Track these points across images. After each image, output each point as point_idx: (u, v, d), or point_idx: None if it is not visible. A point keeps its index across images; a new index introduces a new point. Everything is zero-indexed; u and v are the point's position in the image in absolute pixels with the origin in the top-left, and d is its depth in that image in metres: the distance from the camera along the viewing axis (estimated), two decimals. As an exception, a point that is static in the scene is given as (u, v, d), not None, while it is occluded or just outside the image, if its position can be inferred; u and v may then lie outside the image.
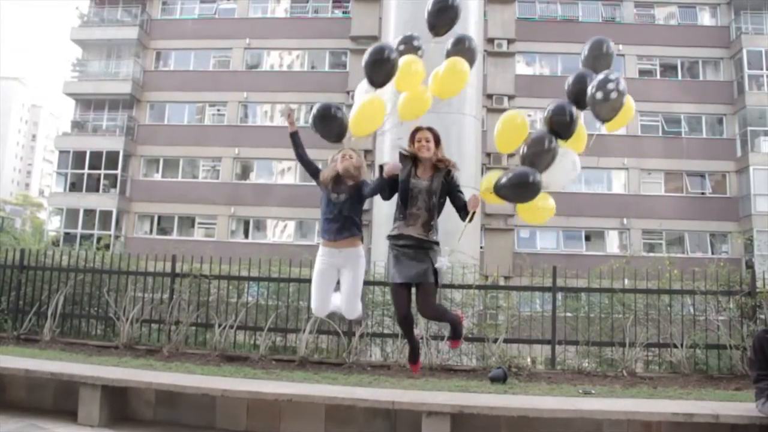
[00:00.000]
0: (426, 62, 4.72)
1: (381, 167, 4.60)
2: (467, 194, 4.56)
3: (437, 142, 4.65)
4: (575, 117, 4.53)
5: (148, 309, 8.51)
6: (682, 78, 28.28)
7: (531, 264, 8.54)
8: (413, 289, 4.64)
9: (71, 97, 31.18)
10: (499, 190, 4.30)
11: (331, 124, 4.67)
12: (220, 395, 5.64)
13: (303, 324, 7.79)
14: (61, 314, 8.68)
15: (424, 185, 4.58)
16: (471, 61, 4.80)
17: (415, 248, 4.53)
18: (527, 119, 4.76)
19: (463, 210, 4.55)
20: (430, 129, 4.62)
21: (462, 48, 4.79)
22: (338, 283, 4.88)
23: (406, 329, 4.89)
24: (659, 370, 7.68)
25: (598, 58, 4.65)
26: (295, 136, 4.84)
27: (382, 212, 13.95)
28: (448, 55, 4.78)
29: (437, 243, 4.59)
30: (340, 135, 4.73)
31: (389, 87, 4.69)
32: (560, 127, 4.53)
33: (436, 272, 4.52)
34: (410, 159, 4.62)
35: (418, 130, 4.61)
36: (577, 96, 4.50)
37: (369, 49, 4.58)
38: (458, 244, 4.81)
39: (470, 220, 4.48)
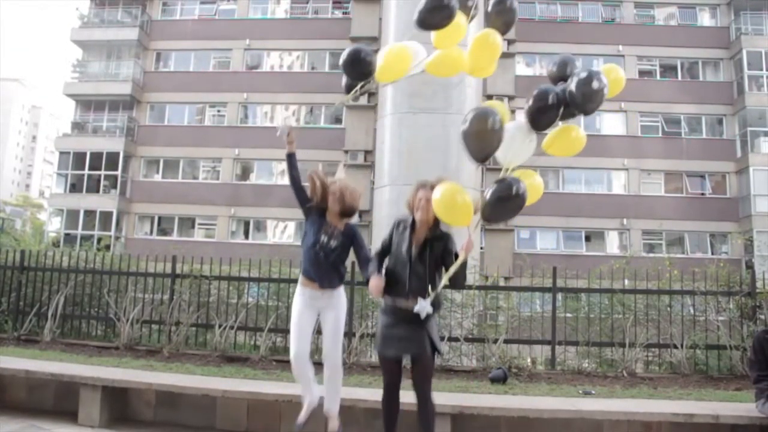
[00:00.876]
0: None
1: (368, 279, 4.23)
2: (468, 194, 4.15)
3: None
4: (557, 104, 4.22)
5: (149, 310, 8.51)
6: (682, 78, 28.29)
7: (531, 264, 8.55)
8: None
9: (71, 98, 31.19)
10: (486, 213, 3.91)
11: (359, 66, 4.43)
12: (220, 396, 5.65)
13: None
14: (62, 315, 8.68)
15: (417, 254, 4.16)
16: (510, 23, 4.71)
17: (408, 321, 4.07)
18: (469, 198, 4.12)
19: (452, 263, 4.06)
20: (432, 187, 4.15)
21: (503, 8, 4.61)
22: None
23: (387, 413, 4.31)
24: (659, 370, 7.68)
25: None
26: (292, 158, 4.60)
27: (383, 212, 13.96)
28: (489, 17, 4.56)
29: (437, 308, 4.19)
30: (366, 75, 4.48)
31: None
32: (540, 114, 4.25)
33: (433, 344, 4.09)
34: (406, 226, 4.22)
35: (421, 186, 4.21)
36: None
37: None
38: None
39: (459, 267, 4.01)
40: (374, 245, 12.33)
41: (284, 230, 28.37)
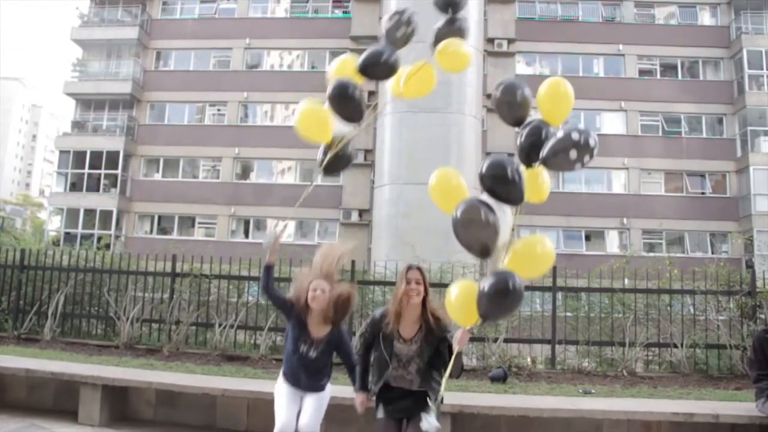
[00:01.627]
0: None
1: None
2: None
3: (425, 282, 3.83)
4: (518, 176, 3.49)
5: (149, 309, 8.52)
6: (682, 78, 28.27)
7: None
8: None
9: (71, 97, 31.17)
10: (481, 312, 3.38)
11: (347, 104, 4.12)
12: (220, 395, 5.65)
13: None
14: (62, 314, 8.69)
15: (412, 351, 3.78)
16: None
17: (407, 396, 3.79)
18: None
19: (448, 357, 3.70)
20: (420, 269, 3.84)
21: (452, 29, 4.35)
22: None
23: None
24: (659, 369, 7.69)
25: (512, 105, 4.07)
26: (271, 270, 4.28)
27: (382, 212, 13.96)
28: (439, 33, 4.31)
29: (436, 387, 3.76)
30: (352, 118, 4.18)
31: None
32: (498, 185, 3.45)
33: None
34: (389, 319, 3.81)
35: (409, 268, 3.85)
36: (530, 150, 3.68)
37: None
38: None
39: (456, 371, 3.67)
40: (374, 245, 12.29)
41: (284, 229, 28.35)
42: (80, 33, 31.23)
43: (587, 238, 26.79)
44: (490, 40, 26.53)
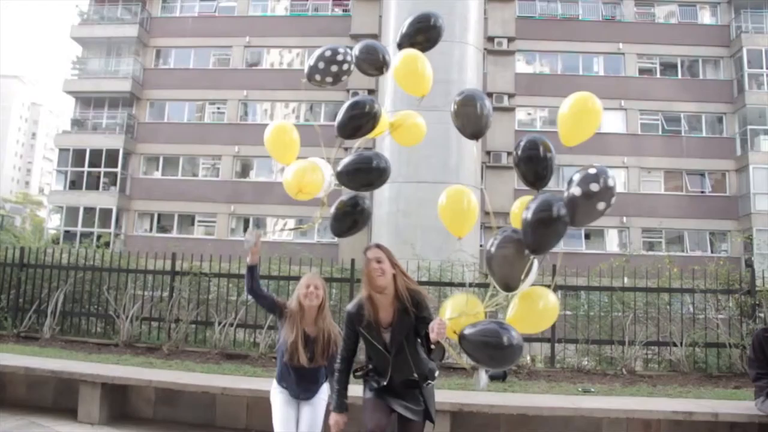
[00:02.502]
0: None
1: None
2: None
3: (391, 261, 3.51)
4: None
5: (148, 307, 8.52)
6: (682, 77, 28.26)
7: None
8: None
9: (71, 95, 31.15)
10: (462, 342, 3.18)
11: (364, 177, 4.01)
12: (219, 393, 5.65)
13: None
14: (61, 312, 8.69)
15: (390, 339, 3.48)
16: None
17: (399, 389, 3.52)
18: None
19: (425, 345, 3.41)
20: (379, 246, 3.54)
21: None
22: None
23: None
24: (659, 368, 7.69)
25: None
26: (254, 270, 4.11)
27: (382, 210, 13.96)
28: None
29: (431, 376, 3.58)
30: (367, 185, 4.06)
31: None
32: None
33: (428, 413, 3.50)
34: (363, 313, 3.50)
35: (367, 248, 3.55)
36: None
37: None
38: (460, 243, 3.64)
39: (437, 357, 3.39)
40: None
41: (284, 228, 28.37)
42: (80, 31, 31.19)
43: (587, 236, 26.80)
44: (490, 39, 26.52)
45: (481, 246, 20.71)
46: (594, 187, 2.98)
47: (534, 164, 3.24)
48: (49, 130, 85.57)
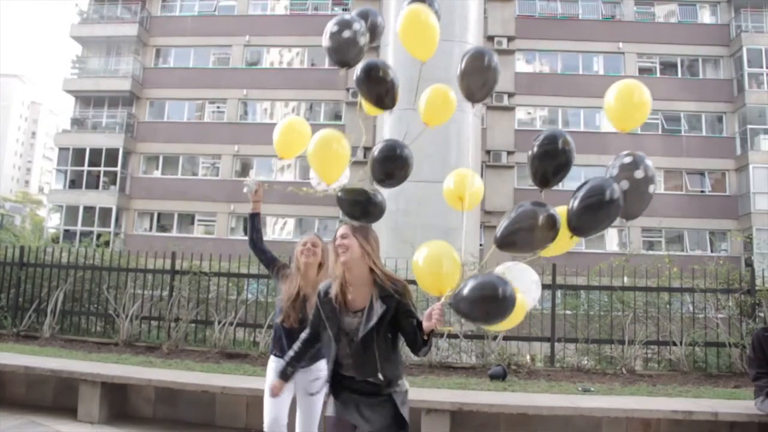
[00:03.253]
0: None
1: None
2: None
3: (368, 238, 3.15)
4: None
5: (148, 306, 8.51)
6: (682, 76, 28.26)
7: (530, 262, 8.52)
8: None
9: (71, 94, 31.14)
10: (458, 301, 2.83)
11: (377, 85, 3.87)
12: (219, 392, 5.65)
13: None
14: (61, 311, 8.69)
15: (357, 325, 3.05)
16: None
17: (370, 394, 3.07)
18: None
19: (416, 336, 2.99)
20: (351, 227, 3.20)
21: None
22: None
23: None
24: (658, 367, 7.69)
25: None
26: (255, 219, 4.04)
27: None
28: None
29: (395, 382, 3.07)
30: (381, 101, 3.95)
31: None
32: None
33: (402, 418, 3.01)
34: (330, 293, 3.14)
35: (338, 228, 3.22)
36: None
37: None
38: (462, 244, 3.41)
39: (427, 351, 3.03)
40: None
41: (284, 227, 28.38)
42: (80, 30, 31.19)
43: (587, 235, 26.81)
44: (490, 38, 26.51)
45: (481, 245, 20.73)
46: (639, 174, 2.94)
47: (553, 160, 3.19)
48: (49, 129, 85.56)
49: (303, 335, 3.32)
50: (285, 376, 3.35)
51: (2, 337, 8.36)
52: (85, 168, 29.41)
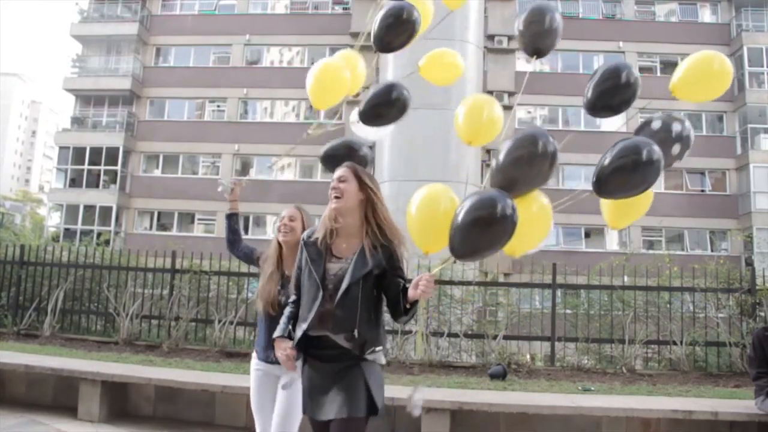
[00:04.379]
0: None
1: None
2: (467, 191, 2.74)
3: (361, 183, 2.85)
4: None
5: (148, 305, 8.51)
6: (683, 75, 28.23)
7: (531, 261, 8.54)
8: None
9: (71, 93, 31.14)
10: (453, 243, 2.61)
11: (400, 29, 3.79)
12: (219, 391, 5.65)
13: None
14: (61, 310, 8.69)
15: (343, 269, 2.75)
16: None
17: (336, 360, 2.75)
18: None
19: (399, 301, 2.74)
20: (352, 168, 2.90)
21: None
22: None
23: None
24: (659, 367, 7.69)
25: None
26: (233, 219, 3.76)
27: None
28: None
29: (374, 348, 2.77)
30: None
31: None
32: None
33: (371, 396, 2.72)
34: (315, 235, 2.87)
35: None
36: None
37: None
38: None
39: (409, 314, 2.76)
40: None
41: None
42: (80, 29, 31.18)
43: (587, 235, 26.80)
44: (491, 37, 26.49)
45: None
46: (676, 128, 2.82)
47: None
48: (49, 128, 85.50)
49: (288, 307, 2.95)
50: (286, 334, 2.88)
51: (2, 336, 8.36)
52: (86, 167, 29.42)
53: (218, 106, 29.84)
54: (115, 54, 30.96)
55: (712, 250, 25.29)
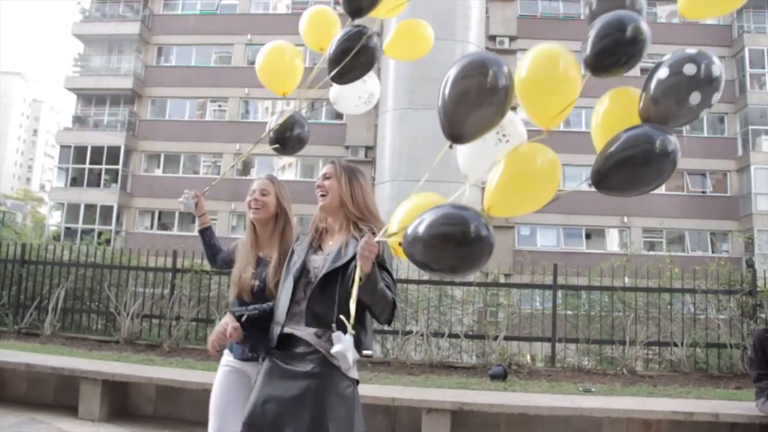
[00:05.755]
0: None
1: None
2: (469, 194, 2.53)
3: (351, 180, 2.71)
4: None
5: (149, 304, 8.51)
6: (684, 76, 28.24)
7: (531, 261, 8.53)
8: None
9: (72, 92, 31.18)
10: (410, 242, 2.22)
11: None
12: (220, 391, 5.64)
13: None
14: (62, 309, 8.69)
15: (325, 261, 2.59)
16: None
17: (303, 360, 2.46)
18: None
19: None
20: (337, 164, 2.75)
21: None
22: None
23: None
24: (659, 368, 7.68)
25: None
26: (205, 234, 3.40)
27: (384, 209, 13.91)
28: None
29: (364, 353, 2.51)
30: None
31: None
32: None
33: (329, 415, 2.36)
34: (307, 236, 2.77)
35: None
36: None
37: None
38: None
39: (368, 297, 2.36)
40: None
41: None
42: (82, 28, 31.24)
43: (588, 236, 26.81)
44: (492, 38, 26.50)
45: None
46: (689, 69, 2.30)
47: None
48: (51, 127, 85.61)
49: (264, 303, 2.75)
50: (242, 320, 2.65)
51: (3, 335, 8.37)
52: (87, 166, 29.46)
53: (219, 106, 29.86)
54: (117, 53, 31.00)
55: (712, 252, 25.29)
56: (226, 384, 2.89)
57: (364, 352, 2.44)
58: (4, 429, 5.28)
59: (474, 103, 2.28)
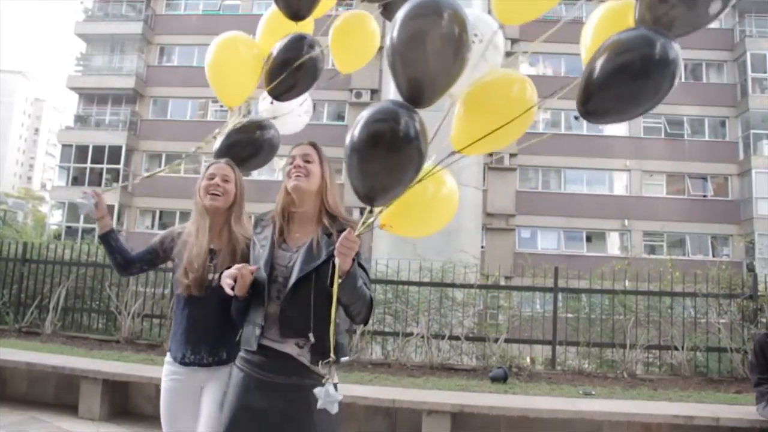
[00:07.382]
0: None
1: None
2: (468, 194, 2.36)
3: (330, 169, 2.55)
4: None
5: (150, 304, 8.52)
6: (686, 80, 28.23)
7: (532, 264, 8.54)
8: None
9: (74, 91, 31.20)
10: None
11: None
12: (220, 391, 5.65)
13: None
14: (63, 308, 8.69)
15: (294, 260, 2.35)
16: None
17: (276, 375, 2.28)
18: None
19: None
20: (313, 144, 2.54)
21: None
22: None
23: None
24: (659, 372, 7.68)
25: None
26: (109, 238, 2.93)
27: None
28: None
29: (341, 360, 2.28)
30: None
31: None
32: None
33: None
34: (266, 220, 2.55)
35: (297, 145, 2.55)
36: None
37: None
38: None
39: (340, 279, 2.13)
40: (375, 243, 12.27)
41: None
42: (84, 27, 31.27)
43: (588, 239, 26.79)
44: (494, 40, 26.48)
45: (482, 247, 20.72)
46: None
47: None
48: (52, 126, 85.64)
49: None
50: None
51: (4, 334, 8.37)
52: (88, 165, 29.47)
53: (221, 106, 29.83)
54: (119, 53, 31.03)
55: (713, 256, 25.27)
56: (172, 400, 2.68)
57: (342, 359, 2.27)
58: (5, 428, 5.28)
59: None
